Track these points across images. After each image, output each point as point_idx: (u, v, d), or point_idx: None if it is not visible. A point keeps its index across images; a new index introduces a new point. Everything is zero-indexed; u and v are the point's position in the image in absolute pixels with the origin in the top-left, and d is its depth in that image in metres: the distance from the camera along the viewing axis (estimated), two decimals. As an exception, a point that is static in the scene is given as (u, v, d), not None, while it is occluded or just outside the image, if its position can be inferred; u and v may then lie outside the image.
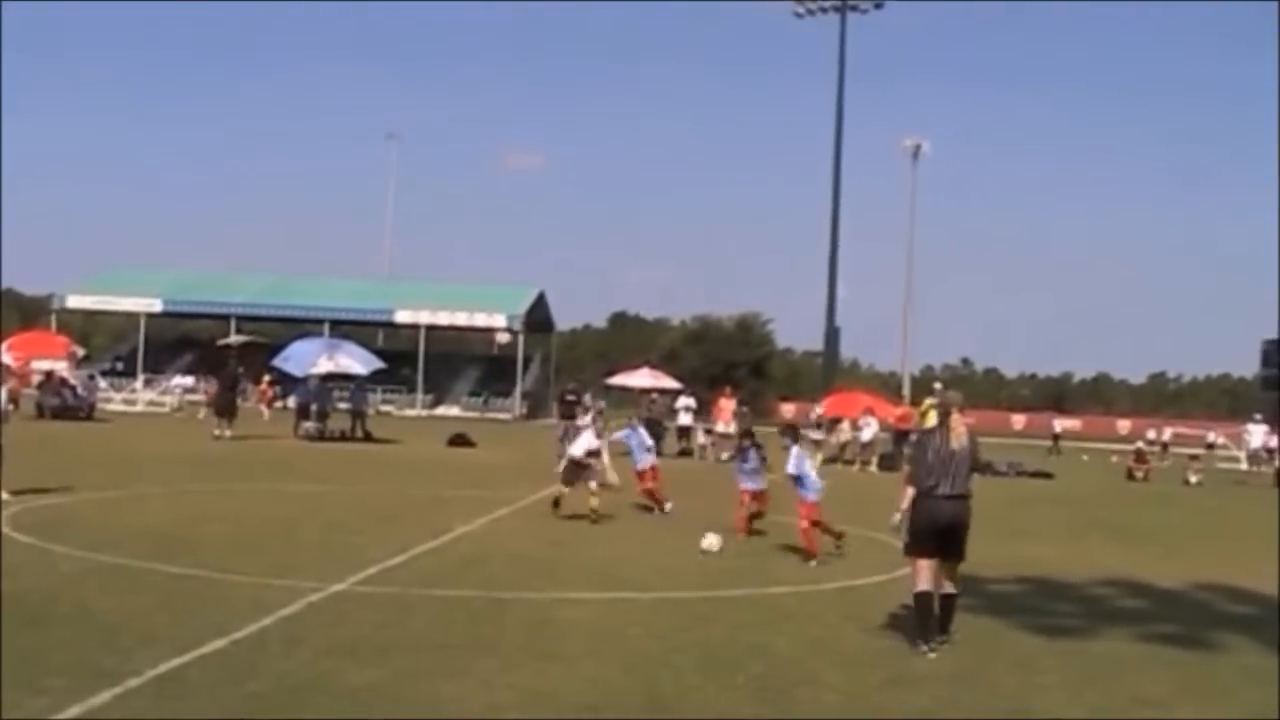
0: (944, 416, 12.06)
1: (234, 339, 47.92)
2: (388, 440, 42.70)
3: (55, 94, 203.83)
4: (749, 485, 20.29)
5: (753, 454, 20.58)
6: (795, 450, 17.89)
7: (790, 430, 19.19)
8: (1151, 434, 54.75)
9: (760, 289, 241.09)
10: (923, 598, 11.68)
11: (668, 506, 23.09)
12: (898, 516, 11.98)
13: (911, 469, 12.10)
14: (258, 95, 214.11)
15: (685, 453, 43.39)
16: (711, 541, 17.64)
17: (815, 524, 17.53)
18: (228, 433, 39.68)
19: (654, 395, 48.78)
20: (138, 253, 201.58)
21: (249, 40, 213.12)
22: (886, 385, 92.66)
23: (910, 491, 11.74)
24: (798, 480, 17.63)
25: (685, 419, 45.51)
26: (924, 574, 11.69)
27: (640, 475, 23.71)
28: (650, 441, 24.94)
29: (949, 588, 11.80)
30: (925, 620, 11.67)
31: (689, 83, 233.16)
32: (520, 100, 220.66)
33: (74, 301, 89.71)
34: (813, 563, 17.13)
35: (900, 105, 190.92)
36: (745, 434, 21.94)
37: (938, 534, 11.60)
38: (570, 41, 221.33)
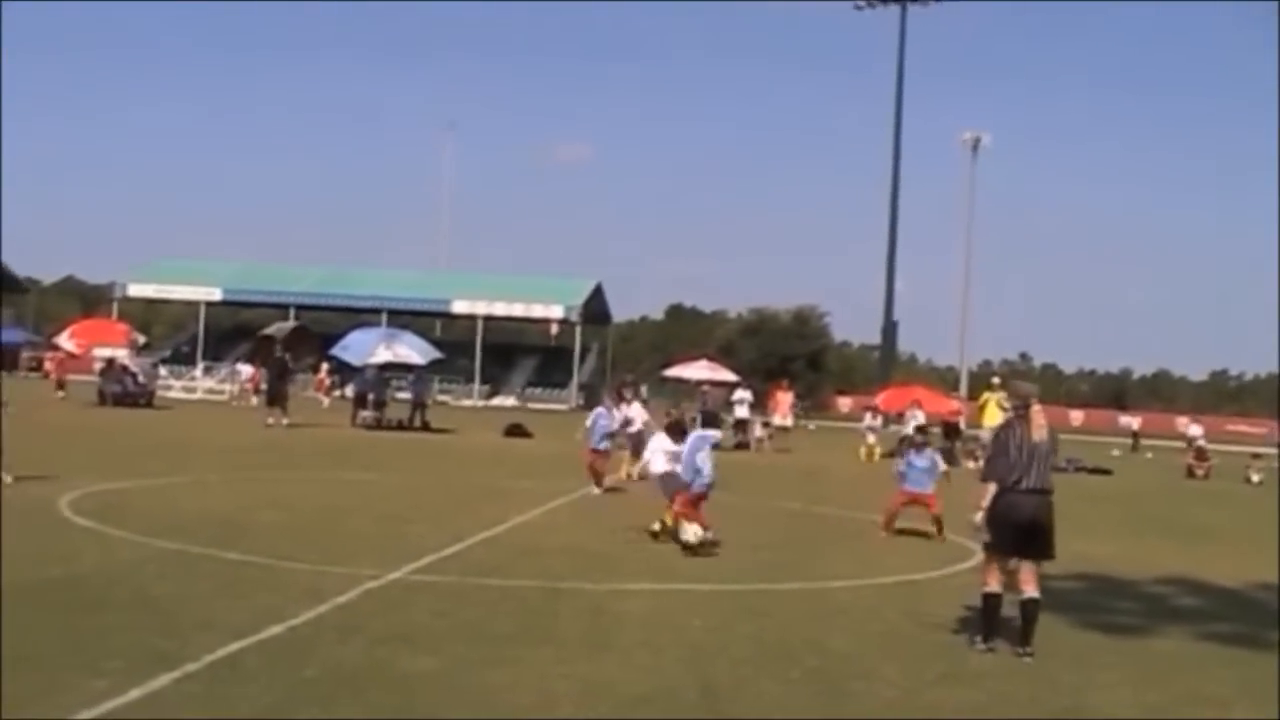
0: (1023, 408, 11.61)
1: (274, 328, 48.18)
2: (444, 430, 42.84)
3: (117, 85, 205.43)
4: (914, 488, 19.87)
5: (929, 453, 20.23)
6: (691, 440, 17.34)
7: (677, 426, 18.48)
8: (1195, 430, 53.87)
9: (817, 282, 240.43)
10: (992, 600, 11.37)
11: (598, 490, 23.58)
12: (979, 515, 11.34)
13: (990, 464, 11.64)
14: (316, 85, 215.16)
15: (742, 445, 43.30)
16: (691, 533, 16.51)
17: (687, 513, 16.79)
18: (284, 421, 39.91)
19: (706, 387, 48.69)
20: (197, 243, 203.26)
21: (308, 30, 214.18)
22: (944, 380, 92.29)
23: (991, 488, 11.25)
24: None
25: (742, 411, 45.41)
26: (996, 574, 11.39)
27: (594, 453, 24.18)
28: (607, 426, 25.06)
29: (1029, 591, 11.27)
30: (991, 622, 11.39)
31: (748, 74, 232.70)
32: (577, 92, 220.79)
33: (135, 290, 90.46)
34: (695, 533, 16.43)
35: (960, 98, 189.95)
36: (922, 429, 21.50)
37: (1019, 531, 11.13)
38: (629, 34, 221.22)
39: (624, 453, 26.98)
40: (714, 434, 16.53)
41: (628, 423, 27.82)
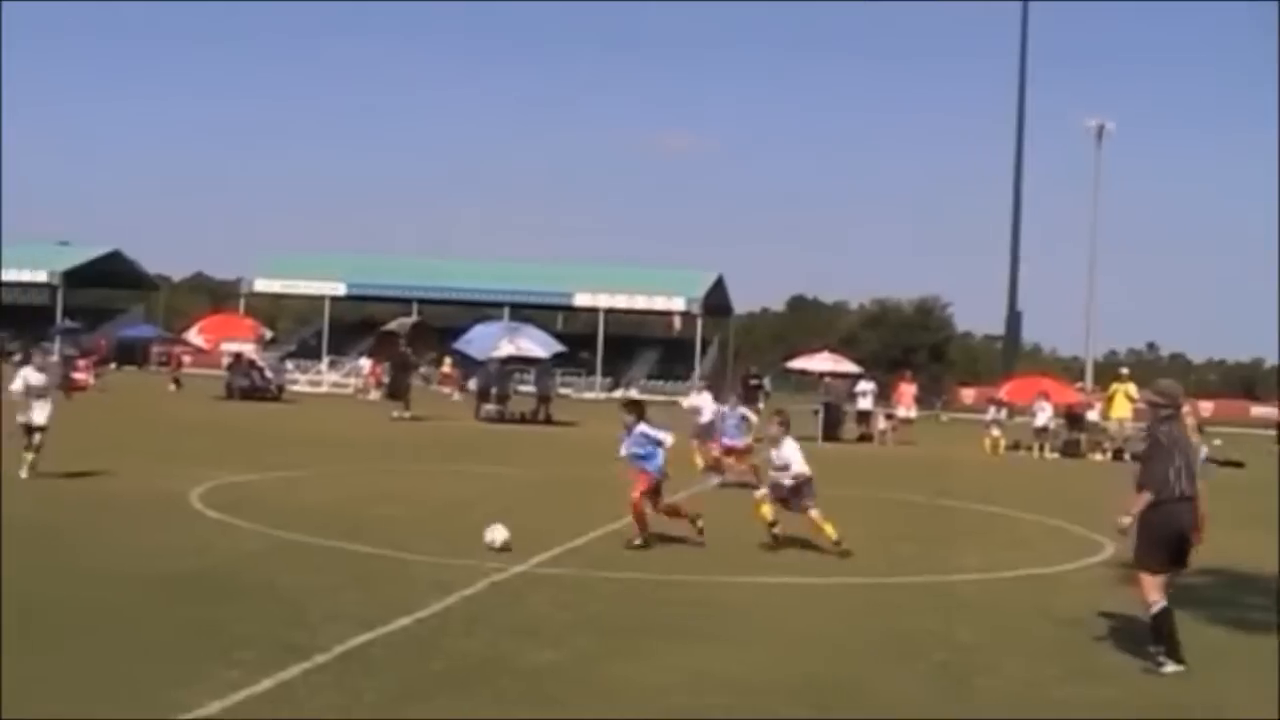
0: (1174, 409, 10.91)
1: (396, 324, 48.70)
2: (567, 423, 43.00)
3: (245, 86, 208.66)
4: None
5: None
6: (640, 428, 16.69)
7: (635, 405, 17.72)
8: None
9: (940, 272, 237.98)
10: (1164, 616, 10.53)
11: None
12: (1127, 520, 10.62)
13: (1149, 471, 10.61)
14: (440, 79, 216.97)
15: (865, 438, 43.03)
16: (495, 536, 14.89)
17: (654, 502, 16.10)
18: (406, 414, 40.36)
19: (830, 379, 48.41)
20: (322, 238, 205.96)
21: (428, 22, 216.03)
22: (1069, 370, 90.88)
23: (1146, 496, 10.47)
24: (641, 458, 16.39)
25: (865, 403, 45.09)
26: (1158, 587, 10.52)
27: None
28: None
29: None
30: (1173, 639, 10.51)
31: (871, 62, 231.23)
32: (700, 81, 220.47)
33: (261, 285, 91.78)
34: (638, 540, 15.73)
35: (1084, 84, 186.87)
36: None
37: (1177, 542, 10.51)
38: (751, 21, 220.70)
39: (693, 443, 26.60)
40: (664, 436, 15.72)
41: (696, 412, 27.86)
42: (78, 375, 44.25)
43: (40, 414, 19.03)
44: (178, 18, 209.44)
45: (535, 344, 46.63)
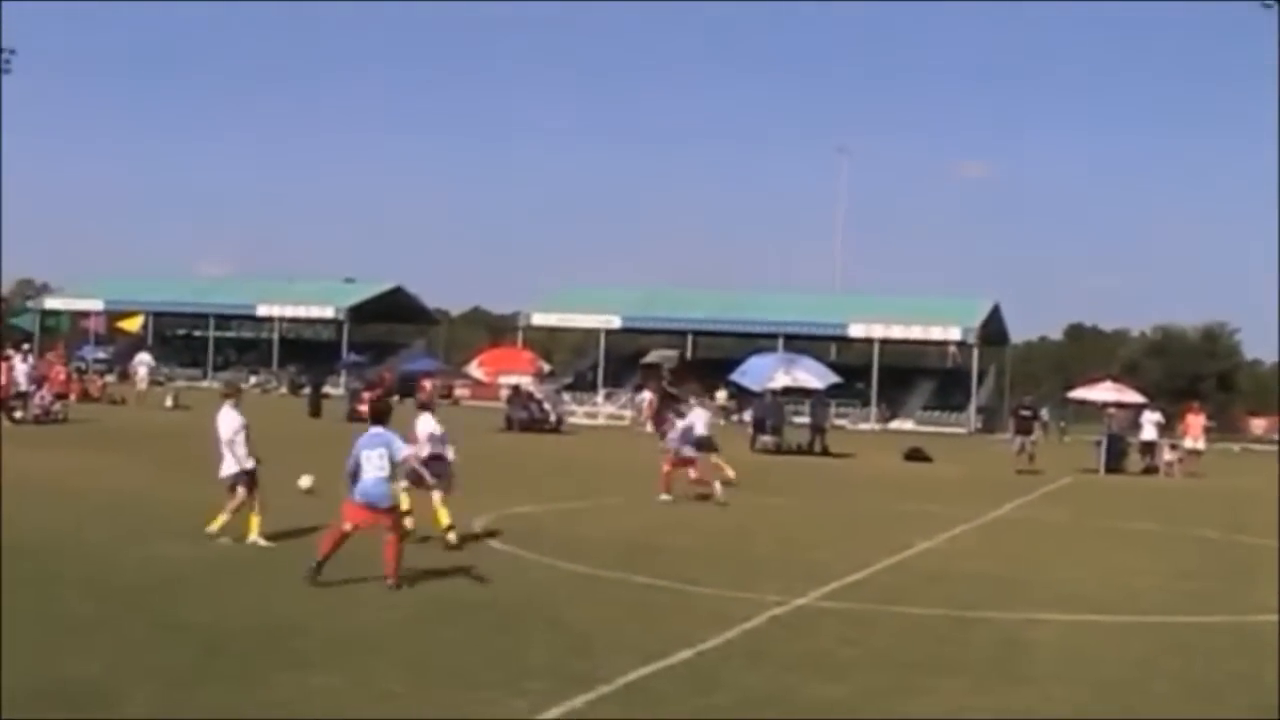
0: None
1: (657, 356, 49.18)
2: (843, 454, 42.68)
3: (524, 121, 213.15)
4: None
5: None
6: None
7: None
8: None
9: (1224, 296, 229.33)
10: None
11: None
12: None
13: None
14: (708, 112, 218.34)
15: (1150, 470, 41.59)
16: (303, 481, 16.17)
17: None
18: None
19: (1113, 410, 47.00)
20: (596, 271, 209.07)
21: (692, 59, 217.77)
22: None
23: None
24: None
25: (1150, 434, 43.63)
26: None
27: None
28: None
29: None
30: None
31: (1144, 81, 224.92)
32: (969, 110, 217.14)
33: (538, 319, 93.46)
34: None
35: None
36: None
37: None
38: (1019, 49, 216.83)
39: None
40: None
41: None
42: (362, 407, 45.62)
43: None
44: (468, 60, 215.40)
45: (811, 375, 46.41)
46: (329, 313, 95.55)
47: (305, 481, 16.17)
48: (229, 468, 15.83)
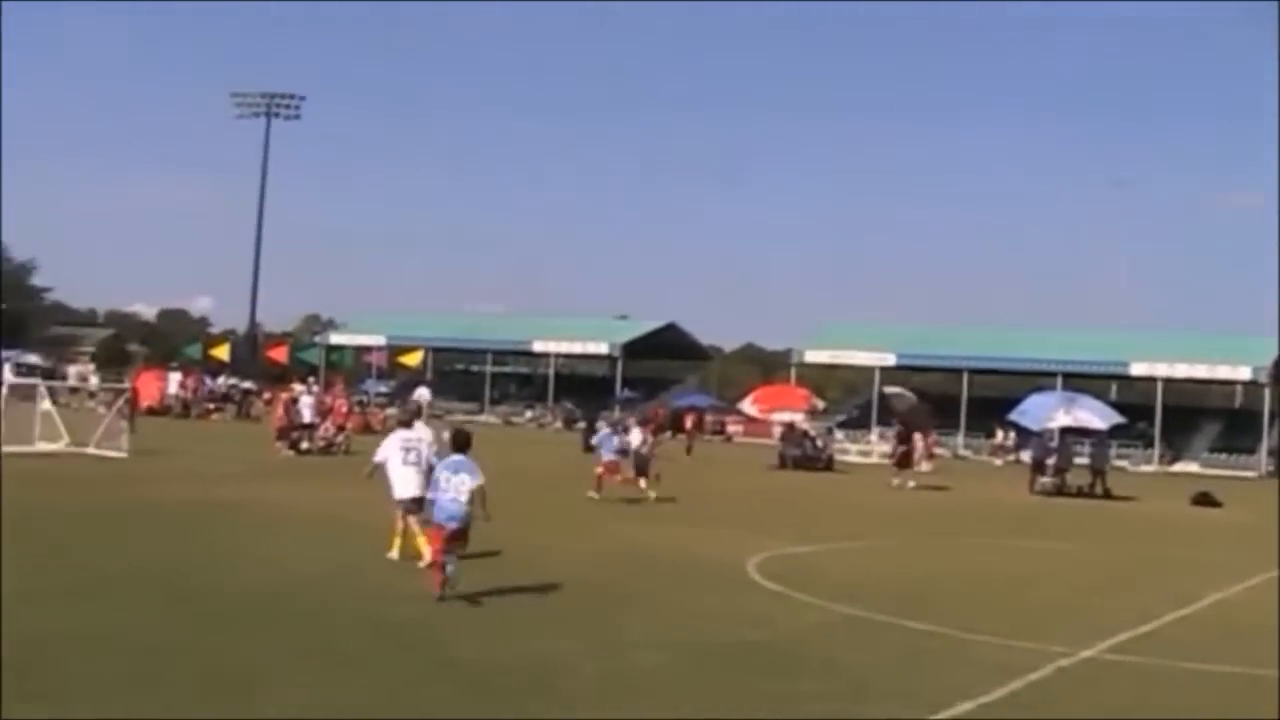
0: None
1: (894, 393, 48.54)
2: (1126, 497, 41.33)
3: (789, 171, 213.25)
4: None
5: None
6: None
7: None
8: None
9: None
10: None
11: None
12: None
13: None
14: (983, 149, 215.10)
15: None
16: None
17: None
18: (909, 483, 39.91)
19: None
20: (870, 307, 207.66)
21: (967, 96, 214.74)
22: None
23: None
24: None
25: None
26: None
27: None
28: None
29: None
30: None
31: None
32: (1240, 141, 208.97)
33: (811, 356, 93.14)
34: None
35: None
36: None
37: None
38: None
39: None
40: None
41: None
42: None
43: None
44: (740, 103, 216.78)
45: (1093, 414, 45.14)
46: (603, 349, 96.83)
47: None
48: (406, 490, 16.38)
